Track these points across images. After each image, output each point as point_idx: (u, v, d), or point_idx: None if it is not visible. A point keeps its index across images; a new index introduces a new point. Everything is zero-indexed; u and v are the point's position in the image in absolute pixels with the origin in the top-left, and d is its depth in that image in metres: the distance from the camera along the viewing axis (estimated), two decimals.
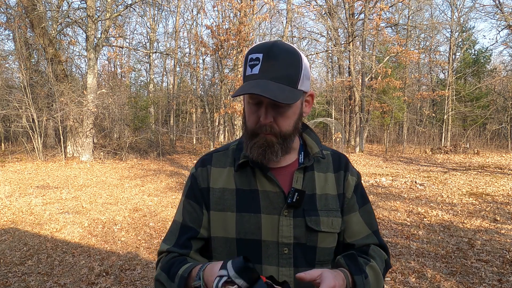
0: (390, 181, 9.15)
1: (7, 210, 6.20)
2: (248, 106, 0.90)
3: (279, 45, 0.87)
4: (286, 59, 0.85)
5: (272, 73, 0.84)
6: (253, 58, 0.86)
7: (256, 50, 0.87)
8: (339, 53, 19.67)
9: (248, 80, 0.85)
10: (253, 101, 0.88)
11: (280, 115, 0.87)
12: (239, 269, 0.69)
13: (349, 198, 0.98)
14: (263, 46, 0.86)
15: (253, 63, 0.86)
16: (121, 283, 3.54)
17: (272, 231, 0.90)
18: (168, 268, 0.89)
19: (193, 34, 21.85)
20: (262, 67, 0.84)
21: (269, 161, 0.90)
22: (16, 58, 14.95)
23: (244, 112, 0.94)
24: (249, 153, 0.91)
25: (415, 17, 22.58)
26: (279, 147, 0.89)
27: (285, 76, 0.85)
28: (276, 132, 0.88)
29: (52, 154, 13.30)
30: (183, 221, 0.97)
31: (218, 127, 17.28)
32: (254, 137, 0.89)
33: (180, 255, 0.94)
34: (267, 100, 0.85)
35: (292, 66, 0.86)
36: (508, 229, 5.06)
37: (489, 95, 22.56)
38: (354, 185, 0.99)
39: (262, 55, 0.85)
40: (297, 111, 0.90)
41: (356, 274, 0.84)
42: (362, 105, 19.15)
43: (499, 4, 18.38)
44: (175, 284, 0.84)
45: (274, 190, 0.92)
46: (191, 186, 0.99)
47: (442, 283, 3.41)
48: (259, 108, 0.87)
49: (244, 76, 0.88)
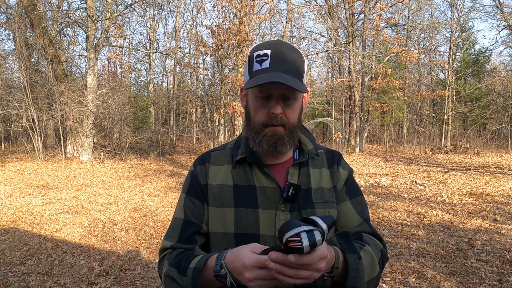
0: (390, 181, 9.15)
1: (7, 210, 6.20)
2: (255, 100, 0.92)
3: (283, 42, 0.92)
4: (292, 55, 0.90)
5: (283, 66, 0.88)
6: (260, 54, 0.90)
7: (262, 47, 0.91)
8: (339, 53, 19.67)
9: (260, 74, 0.88)
10: (262, 95, 0.90)
11: (288, 108, 0.91)
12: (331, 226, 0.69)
13: (340, 190, 1.00)
14: (269, 43, 0.91)
15: (262, 59, 0.89)
16: (121, 283, 3.54)
17: (269, 225, 0.91)
18: (177, 263, 0.89)
19: (193, 34, 21.86)
20: (272, 62, 0.88)
21: (280, 153, 0.93)
22: (16, 58, 14.96)
23: (247, 108, 0.96)
24: (258, 147, 0.93)
25: (415, 17, 22.57)
26: (288, 139, 0.92)
27: (294, 69, 0.89)
28: (285, 123, 0.91)
29: (52, 154, 13.31)
30: (185, 217, 0.98)
31: (218, 127, 17.29)
32: (262, 131, 0.92)
33: (186, 250, 0.94)
34: (277, 93, 0.88)
35: (298, 61, 0.91)
36: (508, 229, 5.06)
37: (489, 95, 22.55)
38: (345, 178, 1.02)
39: (270, 51, 0.89)
40: (300, 105, 0.95)
41: (348, 252, 0.82)
42: (362, 105, 19.15)
43: (499, 4, 18.39)
44: (188, 277, 0.83)
45: (271, 185, 0.94)
46: (191, 183, 1.01)
47: (442, 283, 3.41)
48: (269, 101, 0.90)
49: (251, 72, 0.91)
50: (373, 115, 21.75)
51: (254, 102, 0.93)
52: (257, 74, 0.88)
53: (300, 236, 0.65)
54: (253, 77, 0.89)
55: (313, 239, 0.65)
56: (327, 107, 21.91)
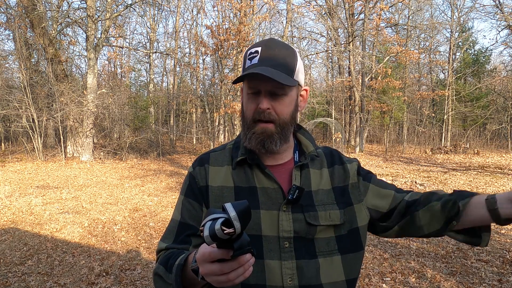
0: (390, 181, 9.15)
1: (7, 210, 6.20)
2: (246, 97, 0.94)
3: (275, 39, 0.95)
4: (282, 51, 0.92)
5: (270, 62, 0.89)
6: (252, 52, 0.92)
7: (254, 45, 0.94)
8: (339, 53, 19.68)
9: (249, 70, 0.90)
10: (251, 91, 0.92)
11: (277, 103, 0.91)
12: (241, 212, 0.59)
13: (357, 182, 1.00)
14: (261, 41, 0.94)
15: (252, 56, 0.92)
16: (121, 283, 3.54)
17: (272, 226, 0.91)
18: (166, 261, 0.89)
19: (193, 34, 21.87)
20: (260, 57, 0.90)
21: (269, 151, 0.94)
22: (16, 58, 14.96)
23: (242, 106, 0.98)
24: (248, 143, 0.94)
25: (415, 17, 22.57)
26: (278, 136, 0.93)
27: (282, 64, 0.90)
28: (274, 119, 0.92)
29: (52, 154, 13.31)
30: (182, 219, 0.97)
31: (218, 127, 17.29)
32: (253, 127, 0.93)
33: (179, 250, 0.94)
34: (265, 88, 0.90)
35: (288, 57, 0.92)
36: (508, 229, 5.06)
37: (489, 95, 22.55)
38: (356, 169, 1.02)
39: (260, 48, 0.91)
40: (293, 102, 0.95)
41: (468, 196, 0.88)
42: (362, 105, 19.14)
43: (499, 4, 18.39)
44: (173, 274, 0.83)
45: (272, 186, 0.94)
46: (189, 184, 1.00)
47: (442, 283, 3.41)
48: (258, 96, 0.91)
49: (243, 69, 0.94)
50: (373, 115, 21.75)
51: (246, 98, 0.95)
52: (247, 70, 0.90)
53: (204, 225, 0.60)
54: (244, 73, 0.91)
55: (213, 227, 0.58)
56: (327, 107, 21.91)
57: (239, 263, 0.64)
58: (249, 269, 0.66)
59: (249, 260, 0.65)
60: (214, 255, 0.64)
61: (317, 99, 19.72)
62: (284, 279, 0.89)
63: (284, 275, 0.89)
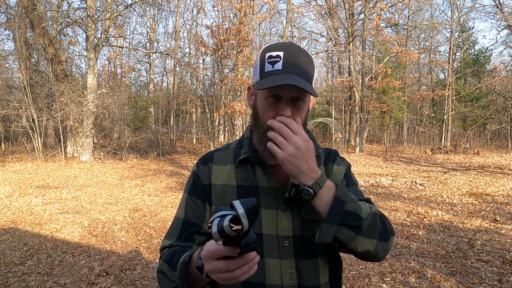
0: (390, 181, 9.15)
1: (7, 210, 6.20)
2: (265, 101, 0.92)
3: (295, 44, 0.93)
4: (304, 58, 0.91)
5: (295, 69, 0.88)
6: (272, 55, 0.89)
7: (274, 48, 0.90)
8: (339, 53, 19.69)
9: (272, 75, 0.88)
10: (271, 95, 0.90)
11: (296, 110, 0.91)
12: (249, 209, 0.60)
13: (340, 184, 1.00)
14: (282, 45, 0.91)
15: (274, 60, 0.89)
16: (121, 283, 3.54)
17: (271, 225, 0.92)
18: (170, 259, 0.90)
19: (193, 34, 21.86)
20: (284, 64, 0.88)
21: None
22: (16, 58, 14.96)
23: (255, 108, 0.97)
24: (259, 146, 0.95)
25: (415, 17, 22.58)
26: None
27: (305, 72, 0.90)
28: None
29: (52, 154, 13.31)
30: (186, 217, 0.98)
31: (218, 127, 17.30)
32: None
33: (183, 248, 0.95)
34: (289, 95, 0.89)
35: (309, 65, 0.92)
36: (508, 229, 5.06)
37: (489, 95, 22.55)
38: (343, 172, 1.02)
39: (282, 53, 0.89)
40: (307, 107, 0.96)
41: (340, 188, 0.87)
42: (362, 105, 19.14)
43: (499, 4, 18.40)
44: (177, 271, 0.83)
45: (273, 185, 0.95)
46: (193, 183, 1.01)
47: (442, 283, 3.41)
48: (278, 102, 0.90)
49: (262, 72, 0.91)
50: (373, 115, 21.74)
51: (264, 103, 0.93)
52: (269, 75, 0.88)
53: (212, 222, 0.61)
54: (265, 77, 0.89)
55: (221, 224, 0.59)
56: (327, 107, 21.92)
57: (245, 260, 0.65)
58: (254, 267, 0.67)
59: (254, 257, 0.66)
60: (220, 252, 0.65)
61: (317, 99, 19.73)
62: (283, 278, 0.89)
63: (283, 274, 0.90)
